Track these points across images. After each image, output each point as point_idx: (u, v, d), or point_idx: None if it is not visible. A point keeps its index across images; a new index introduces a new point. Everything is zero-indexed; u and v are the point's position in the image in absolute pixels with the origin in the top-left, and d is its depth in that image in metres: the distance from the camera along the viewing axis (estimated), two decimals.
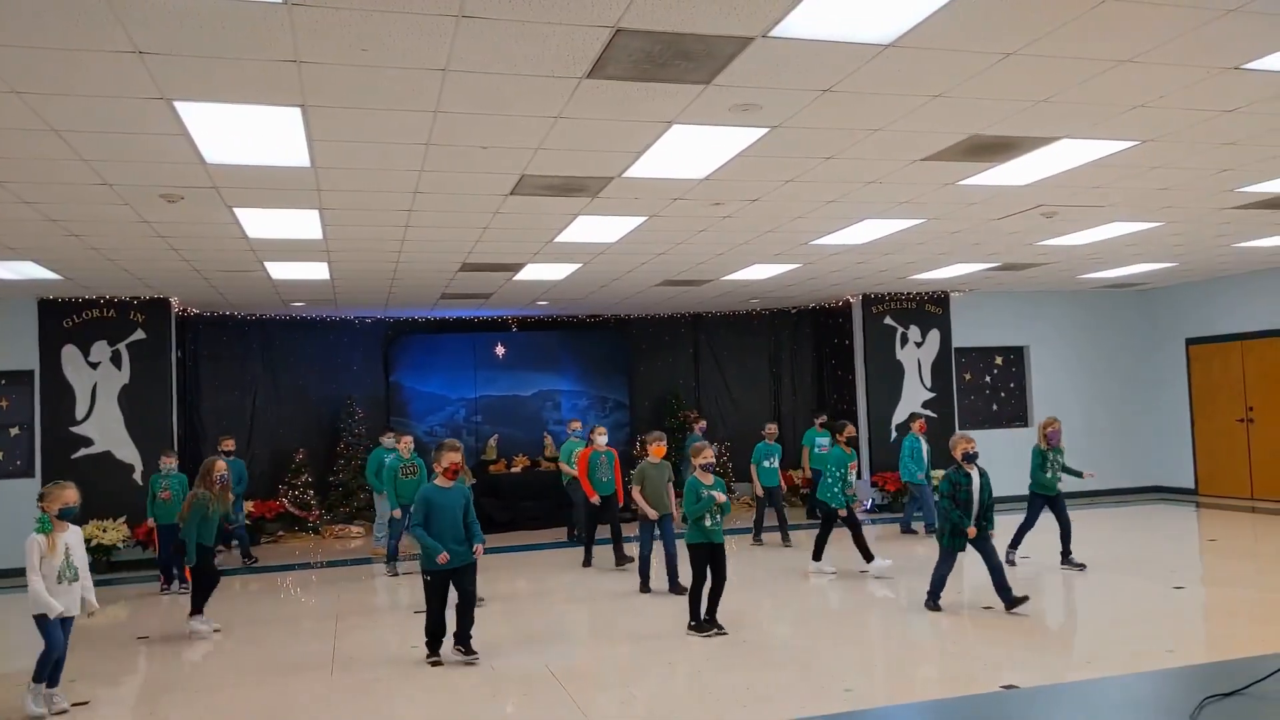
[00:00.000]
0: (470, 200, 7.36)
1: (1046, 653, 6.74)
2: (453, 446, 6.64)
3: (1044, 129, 6.00)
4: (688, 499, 7.21)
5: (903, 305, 14.73)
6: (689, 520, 7.17)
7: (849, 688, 5.82)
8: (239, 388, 14.41)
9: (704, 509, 7.07)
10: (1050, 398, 15.26)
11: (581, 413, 15.38)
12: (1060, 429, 9.57)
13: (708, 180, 7.01)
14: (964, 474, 7.64)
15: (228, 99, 4.87)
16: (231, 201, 7.07)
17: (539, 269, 10.74)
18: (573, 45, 4.37)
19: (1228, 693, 1.30)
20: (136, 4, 3.78)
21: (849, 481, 9.32)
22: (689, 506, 7.16)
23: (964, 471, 7.64)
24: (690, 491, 7.21)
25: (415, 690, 6.16)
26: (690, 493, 7.21)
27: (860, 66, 4.78)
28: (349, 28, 4.08)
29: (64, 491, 6.01)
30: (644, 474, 8.77)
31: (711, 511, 7.08)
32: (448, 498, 6.56)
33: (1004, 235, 9.79)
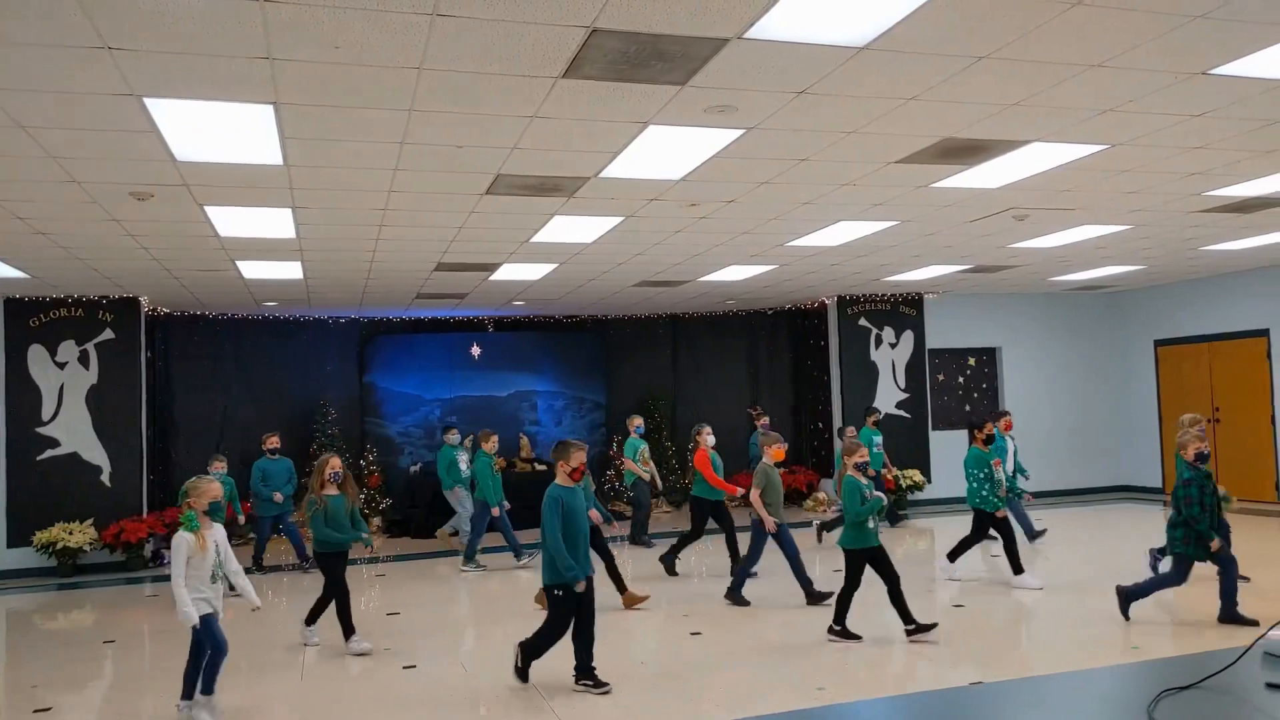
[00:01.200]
0: (445, 200, 7.33)
1: (1015, 649, 6.83)
2: (580, 445, 6.07)
3: (1015, 132, 6.07)
4: (851, 501, 6.79)
5: (877, 307, 14.84)
6: (849, 523, 6.78)
7: (822, 686, 5.86)
8: (210, 389, 14.24)
9: (871, 510, 6.73)
10: (1022, 399, 15.43)
11: (558, 413, 15.37)
12: None
13: (684, 181, 7.02)
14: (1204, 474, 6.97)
15: (199, 96, 4.82)
16: (203, 200, 7.00)
17: (515, 269, 10.72)
18: (548, 45, 4.37)
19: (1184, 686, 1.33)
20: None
21: (997, 481, 8.51)
22: (853, 509, 6.75)
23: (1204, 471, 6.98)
24: (853, 493, 6.80)
25: (391, 691, 6.12)
26: (854, 494, 6.80)
27: (835, 68, 4.81)
28: (322, 25, 4.05)
29: (210, 486, 5.74)
30: (766, 477, 8.13)
31: (877, 513, 6.79)
32: (578, 499, 5.98)
33: (976, 238, 9.88)
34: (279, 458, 11.06)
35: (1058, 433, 15.43)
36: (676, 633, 7.38)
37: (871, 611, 8.02)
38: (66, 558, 11.16)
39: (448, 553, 11.98)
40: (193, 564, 5.53)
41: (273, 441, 11.11)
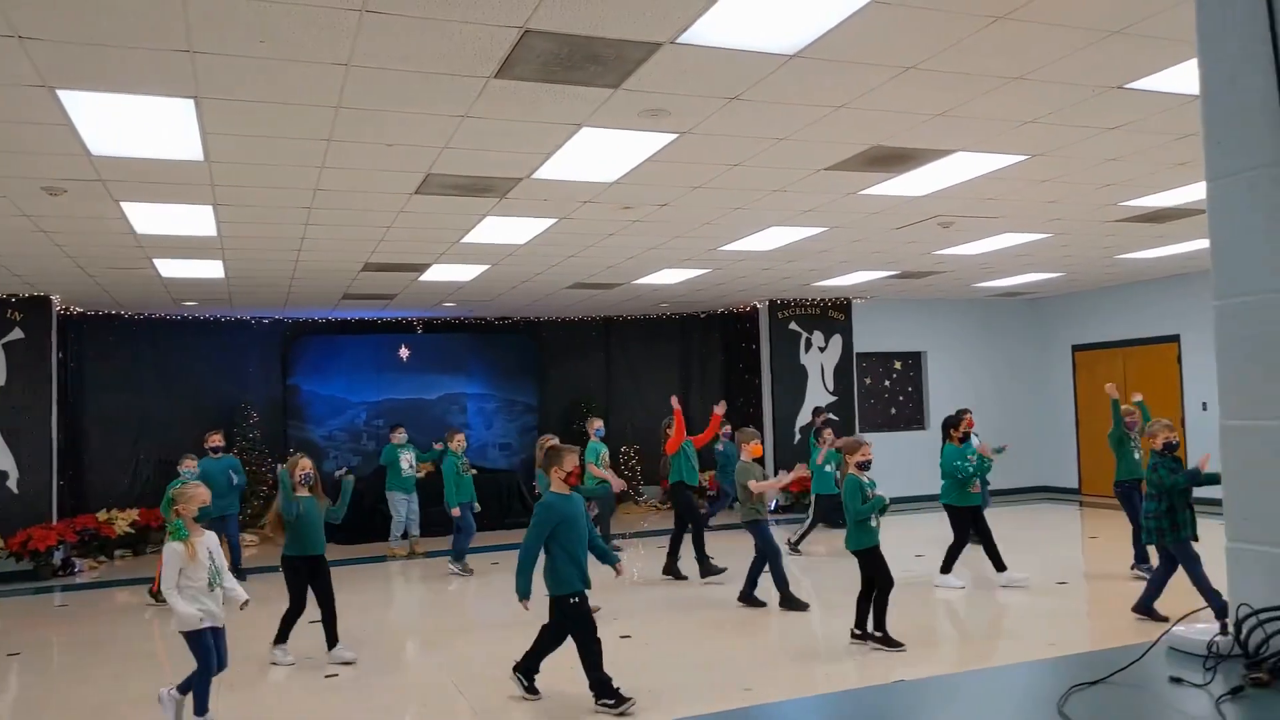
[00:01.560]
0: (374, 199, 7.20)
1: (939, 647, 6.97)
2: (572, 450, 5.81)
3: (941, 142, 6.21)
4: (852, 500, 6.66)
5: (807, 311, 15.05)
6: (854, 521, 6.63)
7: (749, 686, 5.90)
8: (126, 390, 13.75)
9: (873, 509, 6.61)
10: (946, 402, 15.77)
11: (488, 416, 15.22)
12: None
13: (617, 184, 7.02)
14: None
15: (116, 88, 4.66)
16: (119, 196, 6.76)
17: (446, 270, 10.59)
18: (480, 44, 4.32)
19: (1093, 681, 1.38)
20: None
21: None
22: (856, 508, 6.62)
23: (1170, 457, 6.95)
24: (855, 491, 6.66)
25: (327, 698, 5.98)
26: (856, 492, 6.66)
27: (767, 75, 4.86)
28: (246, 18, 3.94)
29: (199, 491, 5.41)
30: (750, 474, 8.10)
31: (880, 511, 6.66)
32: (576, 507, 5.68)
33: (903, 244, 10.09)
34: (222, 456, 10.57)
35: (980, 434, 15.81)
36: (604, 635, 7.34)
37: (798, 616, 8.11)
38: None
39: (380, 558, 11.73)
40: (186, 574, 5.18)
41: (215, 439, 10.59)
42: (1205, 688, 1.57)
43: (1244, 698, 1.50)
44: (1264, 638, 1.63)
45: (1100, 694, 1.59)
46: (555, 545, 5.51)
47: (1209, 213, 1.93)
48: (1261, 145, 1.81)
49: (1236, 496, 1.89)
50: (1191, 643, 1.75)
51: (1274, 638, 1.62)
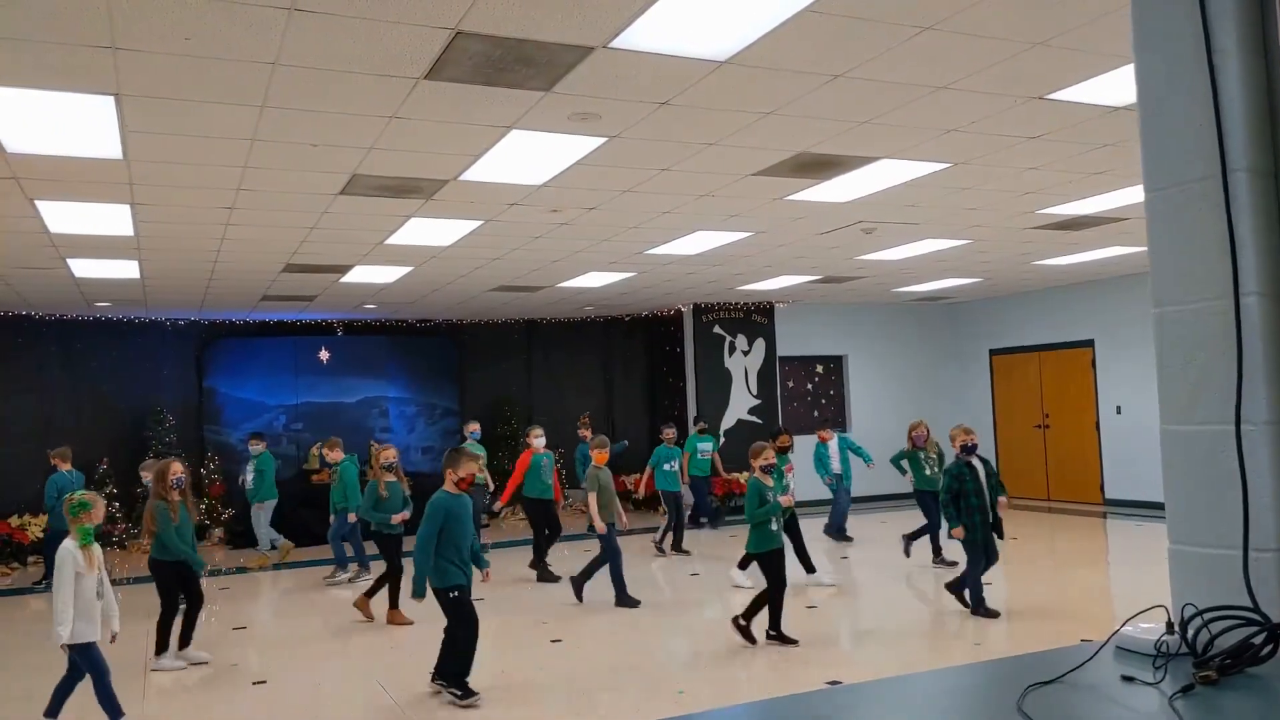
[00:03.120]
0: (297, 199, 7.07)
1: (865, 649, 7.13)
2: (473, 455, 6.19)
3: (866, 149, 6.37)
4: (750, 503, 6.81)
5: (731, 315, 15.23)
6: (751, 526, 6.81)
7: (681, 689, 5.96)
8: (33, 392, 13.25)
9: (770, 513, 6.74)
10: (867, 405, 16.15)
11: (409, 420, 15.02)
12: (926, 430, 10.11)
13: (545, 187, 7.03)
14: (966, 465, 7.41)
15: (34, 84, 4.49)
16: (33, 194, 6.50)
17: (368, 271, 10.44)
18: (411, 45, 4.30)
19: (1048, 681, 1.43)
20: None
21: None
22: (752, 511, 6.79)
23: (965, 463, 7.42)
24: (754, 495, 6.79)
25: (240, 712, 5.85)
26: (754, 496, 6.79)
27: (697, 81, 4.93)
28: (171, 14, 3.85)
29: (100, 502, 5.48)
30: (597, 479, 8.43)
31: (778, 515, 6.78)
32: (463, 506, 6.01)
33: (826, 249, 10.30)
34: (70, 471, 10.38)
35: (900, 438, 16.11)
36: (535, 639, 7.36)
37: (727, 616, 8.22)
38: None
39: (292, 564, 11.49)
40: (81, 582, 5.24)
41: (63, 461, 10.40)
42: (1157, 686, 1.62)
43: (1194, 695, 1.56)
44: (1210, 637, 1.69)
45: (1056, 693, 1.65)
46: (442, 541, 5.81)
47: (1148, 223, 1.99)
48: (1198, 158, 1.87)
49: (1177, 499, 1.95)
50: (1140, 642, 1.79)
51: (1219, 637, 1.69)
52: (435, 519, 5.82)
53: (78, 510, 5.37)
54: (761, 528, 6.82)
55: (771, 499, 6.78)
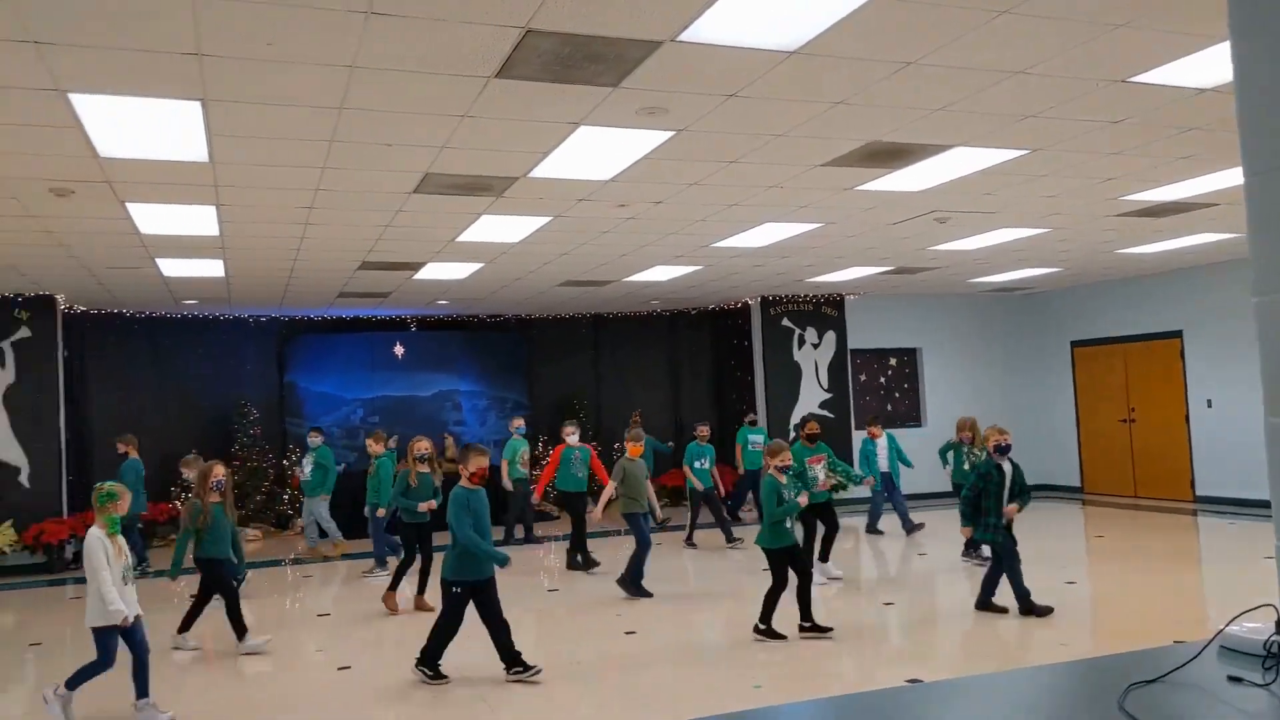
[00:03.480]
0: (372, 198, 7.24)
1: (943, 646, 7.01)
2: (482, 450, 6.37)
3: (939, 137, 6.26)
4: (768, 502, 6.90)
5: (800, 307, 15.08)
6: (765, 523, 6.94)
7: (758, 684, 5.94)
8: (128, 388, 13.83)
9: (787, 513, 6.84)
10: (943, 399, 15.85)
11: (481, 413, 15.24)
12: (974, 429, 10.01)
13: (613, 182, 7.06)
14: (995, 466, 7.41)
15: (126, 91, 4.69)
16: (124, 196, 6.78)
17: (440, 268, 10.62)
18: (483, 44, 4.36)
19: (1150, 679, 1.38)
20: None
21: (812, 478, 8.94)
22: (770, 509, 6.87)
23: (995, 463, 7.42)
24: (771, 494, 6.89)
25: (329, 697, 6.03)
26: (770, 495, 6.89)
27: (766, 72, 4.90)
28: (255, 21, 3.98)
29: (128, 494, 5.77)
30: (624, 471, 8.77)
31: (794, 514, 6.87)
32: (480, 500, 6.24)
33: (898, 240, 10.14)
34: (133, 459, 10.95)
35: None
36: (610, 631, 7.42)
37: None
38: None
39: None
40: (109, 568, 5.47)
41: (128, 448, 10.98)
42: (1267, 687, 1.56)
43: None
44: None
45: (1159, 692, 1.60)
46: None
47: (1248, 208, 1.88)
48: None
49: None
50: (1247, 642, 1.73)
51: None
52: (463, 511, 6.08)
53: (106, 500, 5.58)
54: (777, 525, 6.90)
55: (789, 497, 6.87)
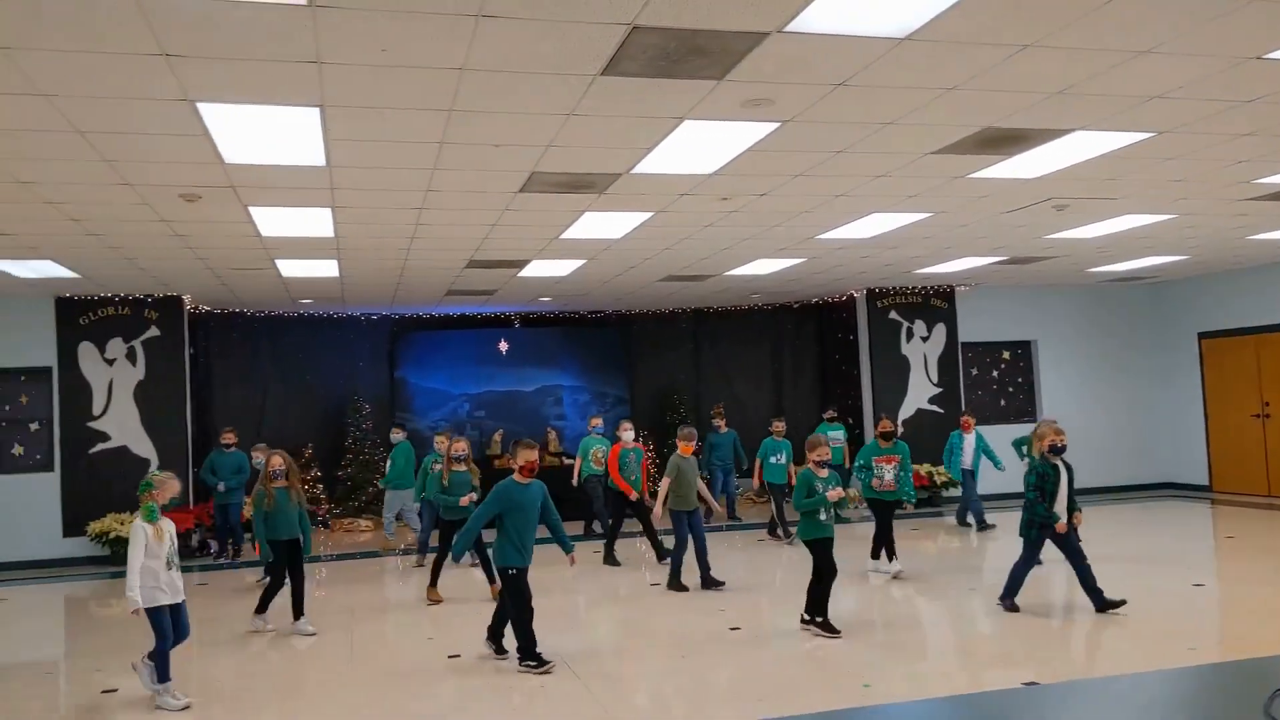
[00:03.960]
0: (480, 198, 7.38)
1: (1068, 649, 6.75)
2: (529, 444, 6.53)
3: (1058, 121, 6.01)
4: (799, 492, 7.01)
5: (908, 299, 14.73)
6: (801, 514, 7.04)
7: (867, 683, 5.84)
8: (248, 384, 14.50)
9: (817, 504, 6.92)
10: (1060, 393, 15.25)
11: (582, 408, 15.40)
12: None
13: (716, 175, 7.02)
14: (1051, 466, 7.32)
15: (249, 100, 4.90)
16: (247, 200, 7.10)
17: (543, 265, 10.77)
18: (589, 42, 4.39)
19: None
20: (165, 7, 3.81)
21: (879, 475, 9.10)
22: (800, 500, 6.99)
23: (1051, 463, 7.33)
24: (801, 485, 7.01)
25: (433, 684, 6.20)
26: (801, 487, 7.00)
27: (876, 60, 4.79)
28: (371, 28, 4.10)
29: (173, 483, 6.12)
30: (676, 468, 8.79)
31: (826, 507, 6.95)
32: (527, 495, 6.43)
33: (1013, 229, 9.80)
34: (233, 451, 11.43)
35: (1097, 428, 15.17)
36: (715, 626, 7.39)
37: (920, 610, 8.00)
38: (118, 547, 11.37)
39: None
40: (151, 552, 5.81)
41: (228, 437, 11.50)
42: None
43: None
44: None
45: None
46: (504, 524, 6.33)
47: None
48: None
49: None
50: None
51: None
52: (492, 503, 6.36)
53: (143, 490, 5.96)
54: (811, 517, 6.98)
55: (820, 490, 6.91)
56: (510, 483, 6.42)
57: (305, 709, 5.84)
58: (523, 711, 5.65)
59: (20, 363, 11.90)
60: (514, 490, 6.38)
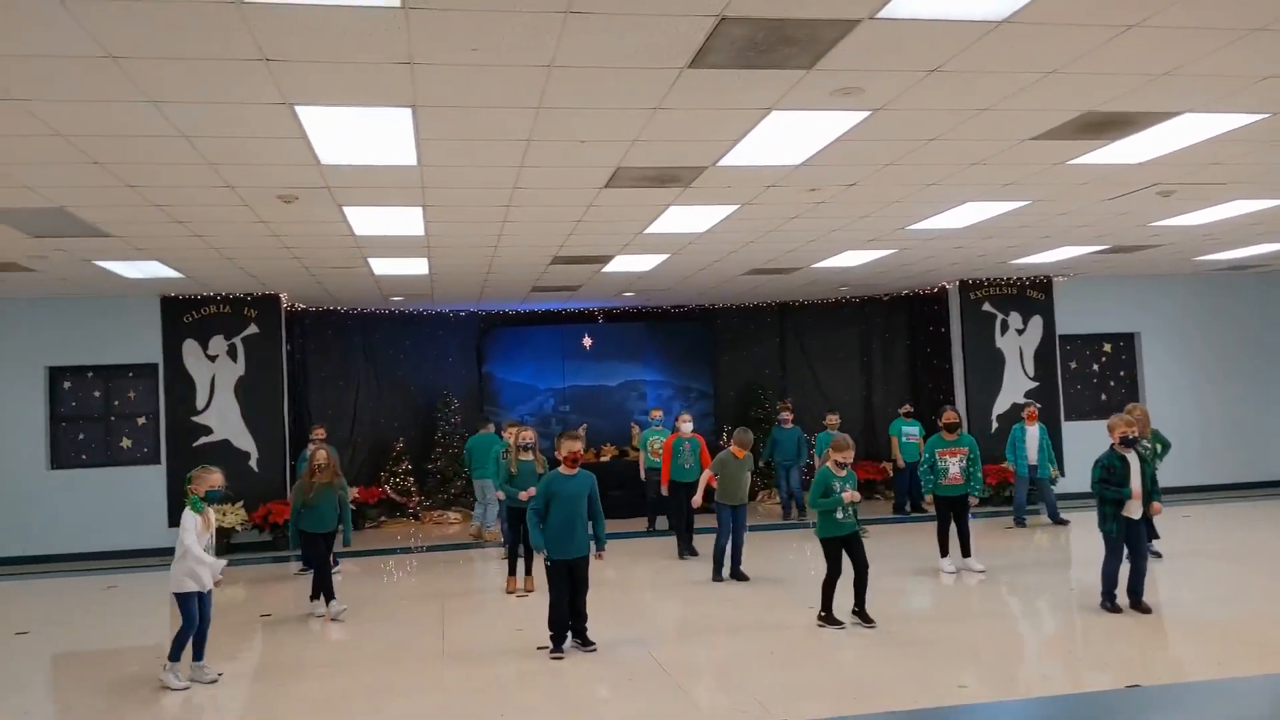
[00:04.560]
0: (566, 194, 7.43)
1: (1175, 651, 6.49)
2: (572, 435, 6.74)
3: (1165, 103, 5.75)
4: (814, 491, 7.14)
5: (1003, 291, 14.30)
6: (819, 513, 7.13)
7: (963, 684, 5.71)
8: (342, 379, 14.91)
9: (833, 504, 7.01)
10: (1164, 387, 14.62)
11: (665, 403, 15.40)
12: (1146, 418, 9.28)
13: (804, 166, 6.92)
14: (1119, 458, 7.16)
15: (345, 102, 5.03)
16: (342, 201, 7.29)
17: (627, 260, 10.79)
18: (677, 35, 4.37)
19: None
20: (266, 13, 3.93)
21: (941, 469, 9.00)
22: (814, 499, 7.11)
23: (1119, 455, 7.18)
24: (817, 484, 7.12)
25: (522, 673, 6.28)
26: (817, 485, 7.11)
27: (971, 44, 4.65)
28: (461, 28, 4.15)
29: (210, 475, 6.40)
30: (722, 464, 8.89)
31: (841, 506, 7.00)
32: (569, 486, 6.58)
33: (1114, 216, 9.43)
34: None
35: (1204, 423, 14.51)
36: (803, 622, 7.31)
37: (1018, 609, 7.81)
38: (220, 537, 11.85)
39: None
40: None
41: (319, 432, 11.70)
42: None
43: None
44: None
45: None
46: (547, 513, 6.54)
47: None
48: None
49: None
50: None
51: None
52: (540, 493, 6.59)
53: (187, 483, 6.29)
54: (828, 515, 7.06)
55: (838, 490, 6.97)
56: (555, 473, 6.63)
57: (399, 694, 5.98)
58: (609, 703, 5.68)
59: (129, 359, 12.48)
60: (557, 480, 6.57)
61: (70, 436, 12.50)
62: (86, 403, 12.57)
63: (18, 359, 12.16)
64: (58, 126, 5.28)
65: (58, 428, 12.46)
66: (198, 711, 5.95)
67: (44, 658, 7.47)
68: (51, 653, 7.62)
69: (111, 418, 12.62)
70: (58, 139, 5.48)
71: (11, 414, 12.12)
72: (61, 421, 12.48)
